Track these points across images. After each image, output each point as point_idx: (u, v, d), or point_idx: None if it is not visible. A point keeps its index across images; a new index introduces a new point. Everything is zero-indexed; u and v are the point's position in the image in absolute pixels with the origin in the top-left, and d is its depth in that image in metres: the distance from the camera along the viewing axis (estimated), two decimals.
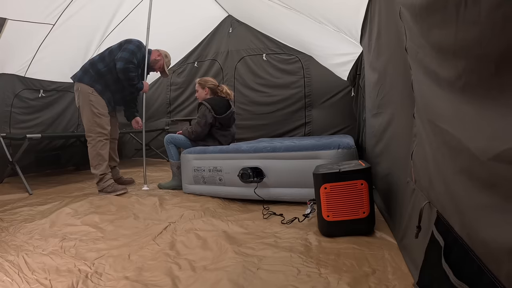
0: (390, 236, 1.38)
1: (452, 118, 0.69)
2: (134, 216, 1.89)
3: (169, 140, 2.67)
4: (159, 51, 2.82)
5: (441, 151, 0.78)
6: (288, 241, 1.40)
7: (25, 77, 3.49)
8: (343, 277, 1.05)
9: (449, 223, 0.76)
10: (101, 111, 2.55)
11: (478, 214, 0.60)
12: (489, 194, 0.55)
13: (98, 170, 2.51)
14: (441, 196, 0.81)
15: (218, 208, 2.03)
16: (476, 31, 0.52)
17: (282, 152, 2.02)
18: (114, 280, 1.12)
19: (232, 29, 4.46)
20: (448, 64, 0.67)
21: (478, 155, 0.56)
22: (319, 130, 4.01)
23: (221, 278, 1.09)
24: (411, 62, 1.02)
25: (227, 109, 2.68)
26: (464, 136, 0.63)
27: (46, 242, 1.49)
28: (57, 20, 3.02)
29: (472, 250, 0.63)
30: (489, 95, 0.52)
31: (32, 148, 3.53)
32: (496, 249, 0.53)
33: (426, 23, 0.77)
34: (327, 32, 2.83)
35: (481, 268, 0.58)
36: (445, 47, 0.67)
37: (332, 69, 3.76)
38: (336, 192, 1.40)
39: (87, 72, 2.54)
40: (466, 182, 0.64)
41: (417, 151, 1.05)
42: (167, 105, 4.92)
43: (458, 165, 0.67)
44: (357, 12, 2.17)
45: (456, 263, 0.68)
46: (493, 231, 0.54)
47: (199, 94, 2.84)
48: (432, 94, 0.82)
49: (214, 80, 2.86)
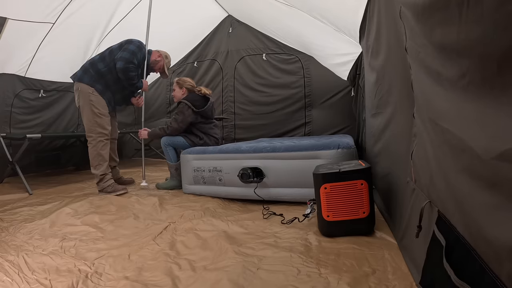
0: (390, 236, 1.38)
1: (454, 117, 0.69)
2: (134, 216, 1.89)
3: (167, 142, 2.68)
4: (159, 52, 2.82)
5: (443, 150, 0.78)
6: (288, 241, 1.40)
7: (25, 77, 3.49)
8: (343, 277, 1.05)
9: (450, 223, 0.76)
10: (102, 111, 2.54)
11: (480, 213, 0.60)
12: (492, 193, 0.55)
13: (99, 170, 2.51)
14: (443, 196, 0.81)
15: (218, 208, 2.03)
16: (478, 30, 0.52)
17: (282, 152, 2.02)
18: (114, 280, 1.12)
19: (232, 29, 4.46)
20: (451, 63, 0.67)
21: (481, 154, 0.56)
22: (319, 130, 4.01)
23: (221, 278, 1.09)
24: (411, 61, 1.02)
25: (206, 103, 2.74)
26: (467, 135, 0.63)
27: (46, 242, 1.49)
28: (57, 18, 3.02)
29: (474, 249, 0.63)
30: (492, 94, 0.52)
31: (32, 148, 3.53)
32: (498, 248, 0.53)
33: (429, 22, 0.77)
34: (327, 31, 2.83)
35: (482, 268, 0.58)
36: (448, 46, 0.67)
37: (332, 69, 3.76)
38: (336, 192, 1.40)
39: (87, 71, 2.53)
40: (469, 181, 0.64)
41: (417, 151, 1.05)
42: (167, 105, 4.92)
43: (461, 164, 0.67)
44: (356, 12, 2.17)
45: (458, 263, 0.68)
46: (495, 230, 0.54)
47: (175, 93, 2.84)
48: (433, 93, 0.82)
49: (193, 82, 2.89)
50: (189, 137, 2.69)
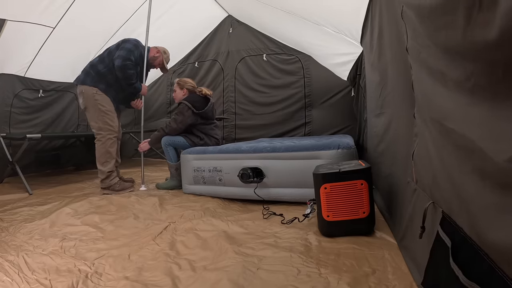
0: (390, 236, 1.38)
1: (460, 118, 0.69)
2: (134, 216, 1.89)
3: (167, 142, 2.68)
4: (157, 48, 2.83)
5: (447, 150, 0.77)
6: (288, 241, 1.40)
7: (25, 77, 3.49)
8: (343, 277, 1.05)
9: (456, 223, 0.75)
10: (108, 107, 2.56)
11: (489, 214, 0.60)
12: (502, 195, 0.54)
13: (106, 167, 2.51)
14: (447, 196, 0.81)
15: (218, 208, 2.03)
16: (485, 35, 0.52)
17: (282, 152, 2.02)
18: (114, 280, 1.12)
19: (232, 29, 4.46)
20: (455, 65, 0.67)
21: (492, 156, 0.56)
22: (319, 130, 4.01)
23: (221, 278, 1.09)
24: (412, 62, 1.02)
25: (207, 104, 2.73)
26: (476, 136, 0.62)
27: (46, 242, 1.49)
28: (57, 23, 3.01)
29: (482, 250, 0.62)
30: (498, 97, 0.53)
31: (32, 148, 3.53)
32: (508, 249, 0.53)
33: (434, 24, 0.76)
34: (327, 32, 2.83)
35: (491, 268, 0.58)
36: (453, 48, 0.66)
37: (332, 69, 3.77)
38: (336, 192, 1.40)
39: (89, 74, 2.55)
40: (478, 182, 0.63)
41: (418, 151, 1.05)
42: (167, 105, 4.92)
43: (470, 165, 0.66)
44: (357, 13, 2.17)
45: (465, 263, 0.68)
46: (505, 231, 0.54)
47: (176, 94, 2.84)
48: (436, 93, 0.81)
49: (193, 82, 2.89)
50: (190, 137, 2.68)
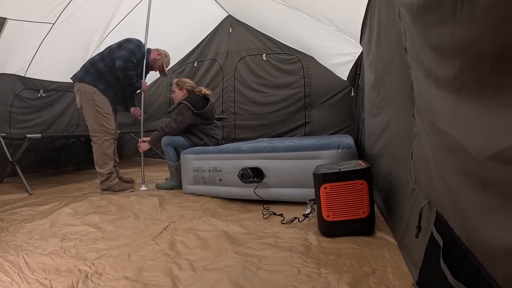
0: (390, 236, 1.38)
1: (449, 118, 0.69)
2: (134, 216, 1.89)
3: (167, 142, 2.68)
4: (158, 50, 2.82)
5: (440, 151, 0.78)
6: (288, 241, 1.40)
7: (25, 77, 3.50)
8: (343, 277, 1.05)
9: (448, 223, 0.76)
10: (106, 110, 2.54)
11: (475, 214, 0.60)
12: (486, 194, 0.55)
13: (105, 169, 2.50)
14: (441, 196, 0.81)
15: (218, 208, 2.03)
16: (472, 30, 0.52)
17: (282, 152, 2.02)
18: (114, 280, 1.12)
19: (232, 29, 4.46)
20: (445, 64, 0.67)
21: (475, 155, 0.56)
22: (319, 130, 4.01)
23: (221, 278, 1.09)
24: (411, 62, 1.02)
25: (206, 104, 2.73)
26: (461, 136, 0.63)
27: (46, 242, 1.49)
28: (57, 19, 3.02)
29: (470, 250, 0.63)
30: (485, 94, 0.52)
31: (32, 148, 3.53)
32: (493, 249, 0.53)
33: (424, 22, 0.77)
34: (327, 31, 2.83)
35: (478, 269, 0.58)
36: (443, 46, 0.67)
37: (332, 69, 3.76)
38: (336, 192, 1.40)
39: (89, 71, 2.52)
40: (464, 181, 0.64)
41: (417, 151, 1.05)
42: (167, 105, 4.92)
43: (456, 164, 0.67)
44: (356, 12, 2.17)
45: (455, 263, 0.68)
46: (490, 231, 0.54)
47: (175, 95, 2.84)
48: (430, 94, 0.82)
49: (192, 82, 2.89)
50: (190, 137, 2.69)
